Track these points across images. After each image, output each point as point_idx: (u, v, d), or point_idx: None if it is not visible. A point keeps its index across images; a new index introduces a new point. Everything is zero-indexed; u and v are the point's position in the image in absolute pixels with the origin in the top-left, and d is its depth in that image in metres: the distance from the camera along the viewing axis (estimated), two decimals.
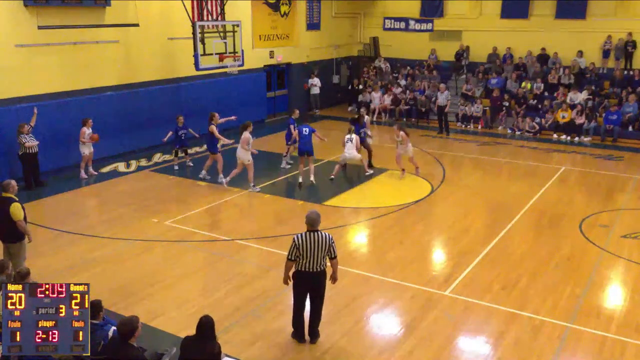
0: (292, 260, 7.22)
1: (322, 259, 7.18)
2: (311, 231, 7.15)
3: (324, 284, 7.41)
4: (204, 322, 5.89)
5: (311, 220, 7.18)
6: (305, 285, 7.38)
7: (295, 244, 7.10)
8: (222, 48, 16.83)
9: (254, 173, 13.79)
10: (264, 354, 7.40)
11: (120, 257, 10.27)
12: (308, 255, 7.10)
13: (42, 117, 14.54)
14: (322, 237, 7.13)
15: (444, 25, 25.01)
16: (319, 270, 7.24)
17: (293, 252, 7.15)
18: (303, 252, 7.09)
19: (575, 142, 19.33)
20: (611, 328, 7.99)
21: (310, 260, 7.14)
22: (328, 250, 7.17)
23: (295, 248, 7.11)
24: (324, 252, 7.15)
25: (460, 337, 7.85)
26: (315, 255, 7.11)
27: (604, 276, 9.63)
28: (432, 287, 9.17)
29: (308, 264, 7.17)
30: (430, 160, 16.81)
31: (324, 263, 7.26)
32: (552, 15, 22.57)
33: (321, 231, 7.19)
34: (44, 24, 14.42)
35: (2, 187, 8.79)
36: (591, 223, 11.88)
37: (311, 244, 7.07)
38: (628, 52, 21.30)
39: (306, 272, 7.23)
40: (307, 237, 7.10)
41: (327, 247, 7.14)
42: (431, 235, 11.55)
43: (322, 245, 7.11)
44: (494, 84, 22.08)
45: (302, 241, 7.10)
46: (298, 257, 7.15)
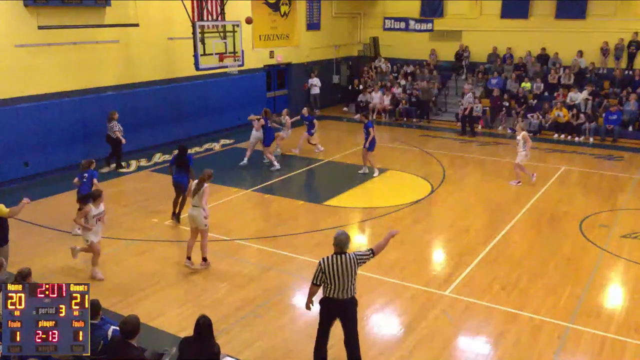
0: (317, 285, 6.59)
1: (350, 284, 6.52)
2: (339, 254, 6.52)
3: (354, 314, 6.73)
4: (202, 323, 5.84)
5: (340, 243, 6.53)
6: (332, 314, 6.71)
7: (321, 268, 6.48)
8: (222, 48, 16.82)
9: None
10: (265, 354, 7.40)
11: (120, 257, 10.29)
12: (335, 281, 6.46)
13: (42, 116, 14.59)
14: (348, 260, 6.48)
15: (444, 25, 25.02)
16: (348, 298, 6.57)
17: (319, 277, 6.52)
18: (330, 276, 6.46)
19: (575, 142, 19.34)
20: (611, 328, 8.00)
21: (338, 286, 6.48)
22: (355, 269, 6.52)
23: (321, 272, 6.48)
24: (352, 276, 6.50)
25: (460, 337, 7.87)
26: (343, 280, 6.46)
27: (604, 276, 9.64)
28: (432, 287, 9.18)
29: (336, 289, 6.50)
30: (430, 160, 16.82)
31: (354, 289, 6.60)
32: (552, 15, 22.58)
33: (348, 253, 6.55)
34: (44, 24, 14.43)
35: None
36: (591, 223, 11.89)
37: (339, 267, 6.43)
38: (630, 52, 21.31)
39: (334, 300, 6.56)
40: (334, 261, 6.46)
41: (354, 268, 6.49)
42: (431, 235, 11.55)
43: (350, 268, 6.46)
44: (494, 84, 22.08)
45: (328, 264, 6.46)
46: (324, 282, 6.52)
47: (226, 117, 20.13)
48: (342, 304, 6.60)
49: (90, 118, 15.71)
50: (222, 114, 19.95)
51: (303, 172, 15.88)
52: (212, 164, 15.61)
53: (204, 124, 19.33)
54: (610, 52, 21.73)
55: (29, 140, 14.42)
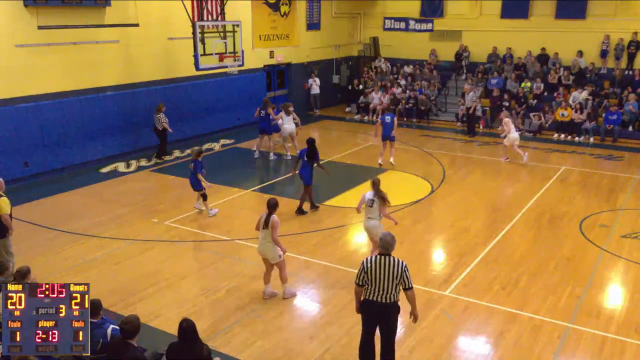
0: (360, 286, 6.51)
1: (392, 289, 6.36)
2: (383, 255, 6.42)
3: (395, 318, 6.59)
4: (185, 327, 5.78)
5: (386, 244, 6.42)
6: (373, 317, 6.60)
7: (364, 268, 6.40)
8: (222, 48, 16.83)
9: None
10: (265, 354, 7.40)
11: (120, 257, 10.29)
12: (377, 282, 6.35)
13: (42, 116, 14.60)
14: (394, 263, 6.34)
15: (444, 25, 25.03)
16: (390, 302, 6.42)
17: (361, 277, 6.44)
18: (371, 277, 6.36)
19: (575, 142, 19.35)
20: (611, 328, 8.00)
21: (379, 288, 6.37)
22: (401, 279, 6.34)
23: (364, 272, 6.40)
24: (395, 281, 6.33)
25: (460, 337, 7.87)
26: (384, 283, 6.33)
27: (604, 276, 9.65)
28: (432, 287, 9.18)
29: (376, 292, 6.39)
30: (430, 160, 16.82)
31: (396, 294, 6.42)
32: (552, 15, 22.59)
33: (394, 257, 6.43)
34: (44, 24, 14.42)
35: None
36: (591, 223, 11.89)
37: (382, 269, 6.32)
38: (630, 52, 21.31)
39: (374, 303, 6.45)
40: (377, 261, 6.35)
41: (399, 274, 6.32)
42: (431, 235, 11.55)
43: (393, 272, 6.31)
44: (494, 84, 22.08)
45: (370, 265, 6.36)
46: (366, 282, 6.43)
47: (226, 117, 20.13)
48: (383, 307, 6.46)
49: (91, 118, 15.72)
50: (222, 114, 19.95)
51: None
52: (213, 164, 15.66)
53: (204, 124, 19.32)
54: (610, 52, 21.75)
55: (29, 140, 14.42)
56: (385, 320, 6.55)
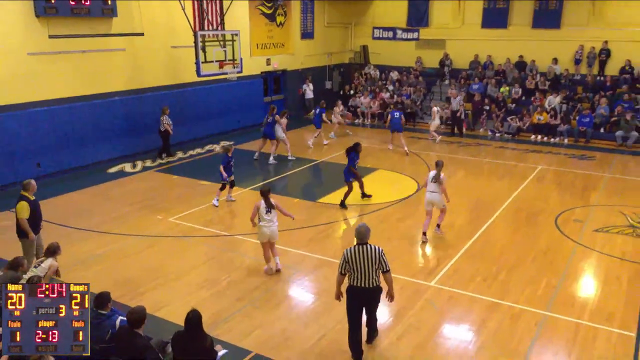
0: (342, 275, 6.75)
1: (373, 273, 6.63)
2: (360, 244, 6.68)
3: (377, 300, 6.89)
4: (191, 317, 5.73)
5: (360, 234, 6.71)
6: (358, 301, 6.80)
7: (345, 258, 6.65)
8: (222, 56, 16.80)
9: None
10: (264, 343, 7.40)
11: (127, 252, 10.25)
12: (358, 269, 6.60)
13: (53, 120, 14.53)
14: (372, 250, 6.61)
15: (428, 35, 25.07)
16: (373, 286, 6.68)
17: (343, 266, 6.68)
18: (353, 265, 6.61)
19: (551, 143, 19.43)
20: (584, 316, 8.05)
21: (362, 275, 6.61)
22: (379, 263, 6.63)
23: (345, 262, 6.65)
24: (374, 266, 6.61)
25: (445, 325, 7.89)
26: (366, 269, 6.59)
27: (578, 268, 9.70)
28: (418, 278, 9.20)
29: (360, 278, 6.63)
30: (416, 160, 16.85)
31: (377, 278, 6.69)
32: (529, 25, 22.67)
33: (371, 245, 6.68)
34: (54, 33, 14.33)
35: (23, 186, 8.87)
36: (566, 218, 11.94)
37: (361, 257, 6.59)
38: (601, 59, 21.42)
39: (359, 288, 6.68)
40: (356, 251, 6.62)
41: (377, 259, 6.60)
42: (417, 230, 11.52)
43: (372, 259, 6.58)
44: (475, 89, 22.14)
45: (351, 255, 6.61)
46: (349, 271, 6.67)
47: (226, 120, 20.11)
48: (368, 292, 6.70)
49: (99, 121, 15.65)
50: (223, 118, 19.93)
51: (298, 171, 15.86)
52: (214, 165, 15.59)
53: (205, 127, 19.29)
54: (583, 60, 21.86)
55: (42, 142, 14.35)
56: (371, 302, 6.88)
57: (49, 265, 7.50)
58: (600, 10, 21.30)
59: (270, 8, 21.84)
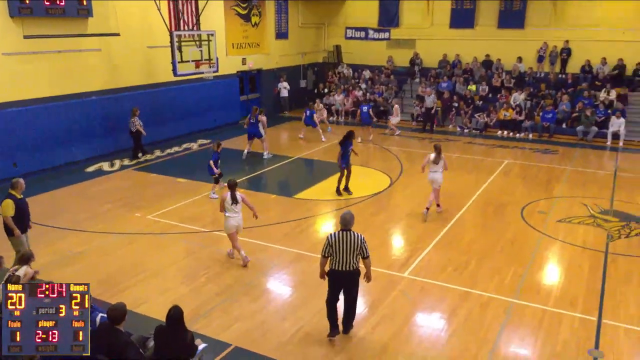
0: (325, 257, 6.96)
1: (353, 258, 6.86)
2: (344, 230, 6.87)
3: (357, 282, 7.09)
4: (173, 313, 5.72)
5: (344, 221, 6.90)
6: (338, 283, 7.06)
7: (329, 242, 6.85)
8: (198, 55, 16.63)
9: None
10: (243, 335, 7.37)
11: (106, 250, 10.09)
12: (340, 254, 6.82)
13: (30, 120, 14.19)
14: (354, 237, 6.82)
15: (399, 35, 25.20)
16: (351, 270, 6.91)
17: (326, 250, 6.89)
18: (335, 250, 6.82)
19: (516, 138, 19.73)
20: (549, 302, 8.21)
21: (342, 259, 6.84)
22: (360, 250, 6.83)
23: (329, 245, 6.85)
24: (355, 252, 6.83)
25: (418, 314, 7.96)
26: (346, 254, 6.81)
27: (543, 257, 9.89)
28: (392, 270, 9.26)
29: (340, 262, 6.86)
30: (389, 156, 16.95)
31: (356, 262, 6.91)
32: (495, 26, 22.96)
33: (354, 231, 6.89)
34: (29, 33, 13.98)
35: (11, 184, 8.71)
36: (531, 210, 12.16)
37: (343, 242, 6.79)
38: (563, 58, 21.83)
39: (339, 271, 6.93)
40: (339, 236, 6.82)
41: (359, 246, 6.81)
42: (390, 223, 11.63)
43: (354, 245, 6.80)
44: (444, 87, 22.35)
45: (334, 239, 6.82)
46: (331, 254, 6.88)
47: (203, 119, 19.91)
48: (347, 275, 6.94)
49: (76, 121, 15.34)
50: (200, 116, 19.73)
51: (275, 168, 15.81)
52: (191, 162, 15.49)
53: (182, 126, 19.08)
54: (546, 58, 22.24)
55: (18, 142, 14.00)
56: (349, 284, 7.07)
57: (23, 273, 7.29)
58: (561, 11, 21.70)
59: (245, 9, 21.68)
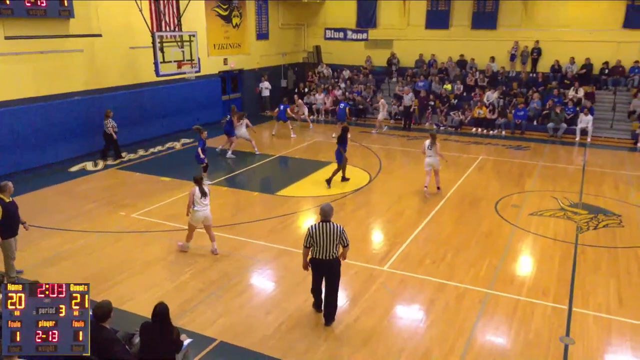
0: (307, 247, 7.14)
1: (334, 248, 7.07)
2: (324, 221, 7.07)
3: (337, 271, 7.26)
4: (159, 310, 5.67)
5: (324, 212, 7.11)
6: (319, 271, 7.30)
7: (310, 233, 7.05)
8: (179, 56, 16.43)
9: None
10: (227, 330, 7.34)
11: (91, 248, 9.94)
12: (320, 244, 7.02)
13: (11, 121, 13.90)
14: (334, 228, 7.03)
15: (377, 35, 25.26)
16: (332, 259, 7.11)
17: (308, 240, 7.08)
18: (316, 240, 7.02)
19: (490, 135, 19.96)
20: (523, 292, 8.33)
21: (323, 248, 7.04)
22: (340, 239, 7.06)
23: (309, 236, 7.04)
24: (335, 241, 7.04)
25: (397, 306, 8.02)
26: (327, 244, 7.02)
27: (516, 249, 10.02)
28: (372, 263, 9.31)
29: (321, 251, 7.07)
30: (368, 154, 17.00)
31: (336, 251, 7.13)
32: (468, 26, 23.17)
33: (333, 222, 7.10)
34: (10, 34, 13.68)
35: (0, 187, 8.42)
36: (504, 204, 12.31)
37: (323, 233, 6.99)
38: (534, 57, 22.14)
39: (319, 260, 7.14)
40: (320, 227, 7.02)
41: (339, 235, 7.04)
42: (370, 219, 11.68)
43: (334, 235, 7.01)
44: (421, 86, 22.48)
45: (315, 230, 7.02)
46: (312, 244, 7.07)
47: (186, 118, 19.72)
48: (327, 263, 7.15)
49: (59, 122, 15.07)
50: (182, 116, 19.55)
51: (257, 166, 15.75)
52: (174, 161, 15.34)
53: (165, 125, 18.89)
54: (518, 58, 22.52)
55: (0, 142, 13.70)
56: (330, 271, 7.25)
57: None
58: (531, 12, 21.97)
59: (226, 10, 21.53)
